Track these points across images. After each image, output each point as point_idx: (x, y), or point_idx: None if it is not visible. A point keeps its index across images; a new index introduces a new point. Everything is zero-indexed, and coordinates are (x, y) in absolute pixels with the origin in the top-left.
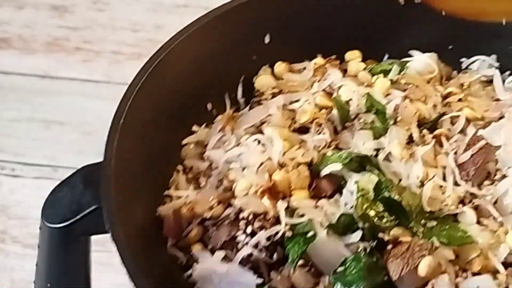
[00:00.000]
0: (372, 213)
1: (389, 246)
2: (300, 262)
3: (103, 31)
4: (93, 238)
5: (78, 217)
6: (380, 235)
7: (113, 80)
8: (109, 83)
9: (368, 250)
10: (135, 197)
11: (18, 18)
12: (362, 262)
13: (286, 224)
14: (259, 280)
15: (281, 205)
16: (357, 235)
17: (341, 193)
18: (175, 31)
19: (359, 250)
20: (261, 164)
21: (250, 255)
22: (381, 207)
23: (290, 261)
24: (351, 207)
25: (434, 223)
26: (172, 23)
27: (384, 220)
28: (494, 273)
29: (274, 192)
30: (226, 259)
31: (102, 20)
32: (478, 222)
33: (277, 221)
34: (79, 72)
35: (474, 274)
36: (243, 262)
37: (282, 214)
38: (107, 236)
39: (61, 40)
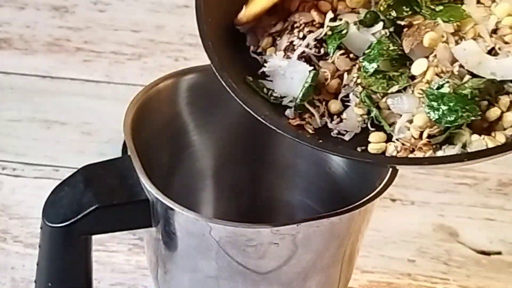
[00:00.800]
0: (391, 4)
1: (405, 29)
2: (341, 51)
3: (104, 31)
4: (93, 237)
5: (78, 216)
6: (398, 22)
7: (113, 80)
8: (110, 83)
9: (387, 34)
10: (223, 17)
11: (19, 18)
12: (382, 44)
13: (327, 26)
14: (311, 68)
15: (329, 15)
16: (380, 25)
17: None
18: (175, 31)
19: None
20: None
21: (303, 52)
22: (399, 4)
23: (330, 51)
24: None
25: (441, 7)
26: (172, 23)
27: (401, 10)
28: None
29: (321, 6)
30: (287, 58)
31: (102, 20)
32: (478, 2)
33: (322, 26)
34: (80, 72)
35: None
36: (299, 57)
37: (327, 20)
38: (107, 235)
39: (62, 41)
